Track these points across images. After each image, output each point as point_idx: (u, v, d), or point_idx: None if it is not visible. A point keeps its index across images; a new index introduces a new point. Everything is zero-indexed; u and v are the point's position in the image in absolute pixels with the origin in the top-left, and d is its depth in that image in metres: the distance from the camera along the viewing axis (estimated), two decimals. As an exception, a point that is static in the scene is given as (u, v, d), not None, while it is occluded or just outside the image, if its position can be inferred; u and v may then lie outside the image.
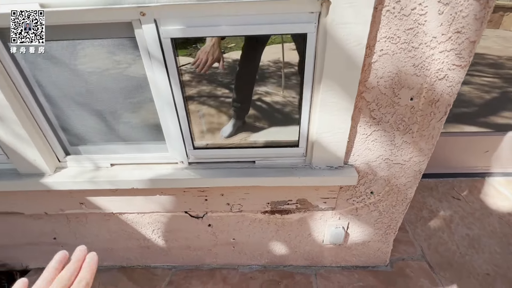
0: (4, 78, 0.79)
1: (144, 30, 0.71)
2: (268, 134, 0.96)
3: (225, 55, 0.81)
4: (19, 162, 0.94)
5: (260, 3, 0.66)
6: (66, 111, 0.90)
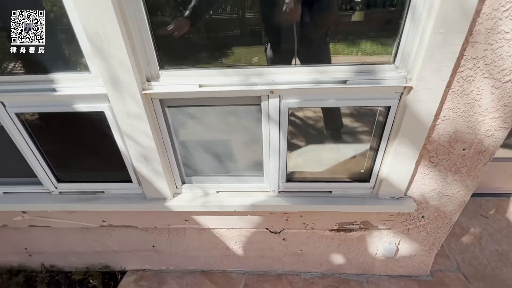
0: (156, 131, 1.06)
1: (270, 102, 0.97)
2: (344, 172, 1.21)
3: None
4: (149, 189, 1.21)
5: (362, 88, 0.91)
6: (191, 152, 1.17)
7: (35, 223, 1.40)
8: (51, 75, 0.97)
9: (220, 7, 1.25)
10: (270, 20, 0.99)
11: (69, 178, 1.26)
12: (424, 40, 0.82)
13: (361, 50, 0.92)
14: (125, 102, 0.96)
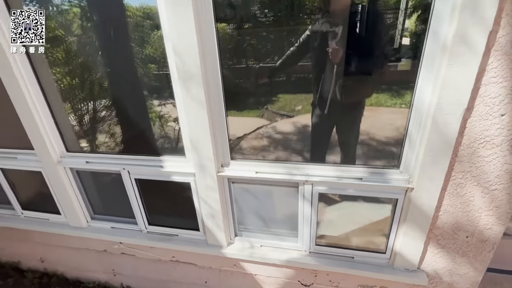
0: (222, 199, 1.49)
1: (305, 187, 1.34)
2: (364, 243, 1.48)
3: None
4: (210, 237, 1.62)
5: (374, 186, 1.24)
6: (244, 213, 1.57)
7: (125, 252, 1.89)
8: (162, 157, 1.50)
9: (270, 57, 1.71)
10: (317, 68, 1.38)
11: (156, 222, 1.75)
12: (419, 158, 1.14)
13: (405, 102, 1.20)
14: (206, 179, 1.42)
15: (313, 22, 1.40)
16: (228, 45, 2.03)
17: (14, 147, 1.75)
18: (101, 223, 1.84)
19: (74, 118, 2.09)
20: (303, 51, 1.39)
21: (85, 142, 2.12)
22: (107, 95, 2.27)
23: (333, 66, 1.34)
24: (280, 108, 2.49)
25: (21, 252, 2.24)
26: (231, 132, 1.43)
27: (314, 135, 1.68)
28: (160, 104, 2.44)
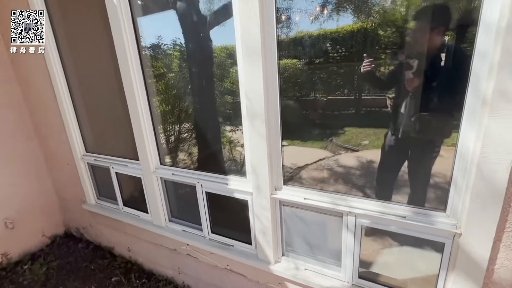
0: (273, 218, 1.71)
1: (348, 218, 1.45)
2: (409, 284, 1.46)
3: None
4: (261, 252, 1.82)
5: (420, 226, 1.28)
6: (292, 235, 1.74)
7: (190, 253, 2.24)
8: (228, 176, 1.83)
9: (339, 90, 1.84)
10: (394, 98, 1.51)
11: (217, 231, 2.06)
12: (465, 204, 1.15)
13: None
14: (261, 199, 1.67)
15: (388, 56, 1.57)
16: (298, 79, 2.32)
17: (126, 157, 2.36)
18: (175, 225, 2.26)
19: (164, 138, 2.66)
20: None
21: (169, 158, 2.66)
22: (190, 120, 2.80)
23: (408, 96, 1.45)
24: (345, 142, 2.58)
25: (115, 240, 2.84)
26: (293, 161, 1.66)
27: (381, 167, 1.76)
28: (231, 130, 2.88)
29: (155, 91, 2.23)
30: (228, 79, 2.54)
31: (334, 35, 1.80)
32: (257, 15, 1.33)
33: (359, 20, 1.61)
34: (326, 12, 1.69)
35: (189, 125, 2.86)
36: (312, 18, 1.72)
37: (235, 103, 2.44)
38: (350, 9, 1.65)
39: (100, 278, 2.62)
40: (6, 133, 2.74)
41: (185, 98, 2.77)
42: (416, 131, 1.48)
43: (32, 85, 2.68)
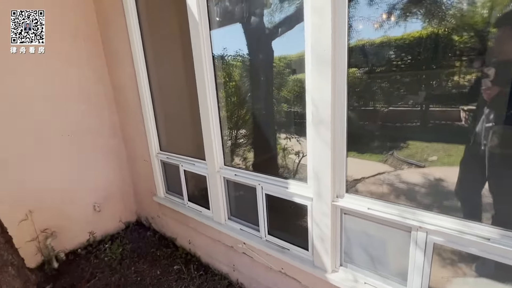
0: (333, 225, 1.69)
1: (418, 234, 1.37)
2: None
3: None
4: (317, 260, 1.82)
5: (509, 252, 1.14)
6: (352, 245, 1.70)
7: (246, 252, 2.34)
8: (288, 180, 1.88)
9: (402, 100, 1.72)
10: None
11: (274, 233, 2.12)
12: None
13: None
14: (321, 205, 1.68)
15: (464, 64, 1.47)
16: (356, 88, 2.27)
17: (194, 156, 2.60)
18: (234, 224, 2.39)
19: (226, 141, 2.84)
20: None
21: (231, 160, 2.83)
22: (250, 125, 2.94)
23: (486, 106, 1.34)
24: (408, 156, 2.41)
25: (179, 231, 3.13)
26: (348, 172, 1.64)
27: (460, 183, 1.61)
28: (286, 137, 2.94)
29: (224, 97, 2.42)
30: (286, 88, 2.63)
31: (399, 42, 1.73)
32: (329, 25, 1.38)
33: (429, 25, 1.52)
34: (394, 19, 1.64)
35: (248, 130, 3.01)
36: (377, 26, 1.69)
37: (290, 111, 2.52)
38: (420, 14, 1.58)
39: (164, 264, 2.91)
40: (102, 131, 3.28)
41: (246, 104, 2.92)
42: (498, 144, 1.33)
43: (123, 93, 3.17)
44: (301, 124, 2.02)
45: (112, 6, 2.81)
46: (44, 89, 2.78)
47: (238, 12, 2.20)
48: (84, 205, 3.25)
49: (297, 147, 2.59)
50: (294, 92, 2.53)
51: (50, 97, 2.84)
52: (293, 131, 2.72)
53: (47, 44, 2.75)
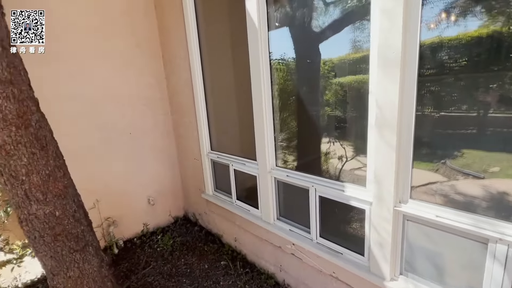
0: (394, 231, 1.64)
1: (497, 246, 1.27)
2: None
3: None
4: (374, 266, 1.77)
5: None
6: (416, 255, 1.63)
7: (294, 253, 2.36)
8: (344, 183, 1.87)
9: (454, 105, 1.58)
10: None
11: (326, 236, 2.11)
12: None
13: None
14: (381, 210, 1.64)
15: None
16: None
17: (245, 157, 2.70)
18: (282, 224, 2.43)
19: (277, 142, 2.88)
20: None
21: (282, 161, 2.86)
22: (302, 127, 2.93)
23: None
24: (463, 166, 2.23)
25: (225, 229, 3.24)
26: None
27: None
28: (328, 141, 2.89)
29: (278, 100, 2.47)
30: (330, 91, 2.60)
31: (453, 43, 1.62)
32: (399, 25, 1.36)
33: (491, 23, 1.40)
34: (454, 18, 1.55)
35: (300, 132, 3.01)
36: (433, 26, 1.61)
37: (332, 115, 2.49)
38: (481, 12, 1.46)
39: (211, 259, 3.03)
40: (157, 131, 3.55)
41: (299, 107, 2.91)
42: None
43: (178, 96, 3.40)
44: (359, 126, 1.99)
45: (172, 17, 3.05)
46: (110, 91, 3.11)
47: (296, 16, 2.25)
48: (141, 198, 3.53)
49: (340, 151, 2.54)
50: (351, 94, 2.51)
51: (115, 98, 3.16)
52: (337, 134, 2.68)
53: (115, 51, 3.08)
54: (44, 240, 1.71)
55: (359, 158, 2.21)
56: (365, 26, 1.73)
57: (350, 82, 2.19)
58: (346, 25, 2.05)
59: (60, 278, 1.80)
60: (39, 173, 1.65)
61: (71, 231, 1.79)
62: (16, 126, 1.55)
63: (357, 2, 1.86)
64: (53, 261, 1.76)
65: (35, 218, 1.67)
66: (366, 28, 1.71)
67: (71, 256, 1.79)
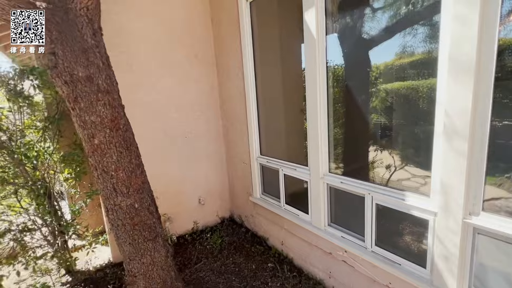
0: (462, 243, 1.57)
1: None
2: None
3: None
4: (438, 279, 1.70)
5: None
6: (488, 272, 1.54)
7: (346, 261, 2.35)
8: (404, 192, 1.84)
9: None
10: None
11: (382, 245, 2.08)
12: None
13: None
14: (448, 221, 1.59)
15: None
16: None
17: (297, 162, 2.77)
18: (334, 230, 2.44)
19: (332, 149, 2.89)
20: None
21: (334, 167, 2.87)
22: (357, 134, 2.91)
23: None
24: None
25: (271, 232, 3.32)
26: None
27: None
28: (376, 149, 2.82)
29: (332, 107, 2.50)
30: (377, 98, 2.55)
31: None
32: (475, 30, 1.34)
33: None
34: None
35: (356, 139, 2.99)
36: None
37: (377, 123, 2.44)
38: None
39: (258, 260, 3.13)
40: (209, 135, 3.79)
41: (354, 113, 2.89)
42: None
43: (230, 103, 3.61)
44: (421, 134, 1.96)
45: (228, 30, 3.28)
46: (172, 98, 3.42)
47: (354, 25, 2.30)
48: (192, 198, 3.78)
49: (388, 160, 2.46)
50: (383, 103, 2.46)
51: (176, 104, 3.46)
52: (384, 142, 2.62)
53: (176, 62, 3.39)
54: (125, 228, 1.95)
55: (416, 167, 2.15)
56: (434, 29, 1.71)
57: (405, 87, 2.16)
58: (408, 29, 2.03)
59: (135, 263, 2.03)
60: (124, 170, 1.90)
61: (146, 222, 2.02)
62: (110, 129, 1.82)
63: (423, 3, 1.85)
64: (130, 247, 2.00)
65: (119, 208, 1.93)
66: (434, 32, 1.70)
67: (145, 244, 2.02)
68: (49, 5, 1.59)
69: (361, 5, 2.27)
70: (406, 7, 2.03)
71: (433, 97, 1.61)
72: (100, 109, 1.78)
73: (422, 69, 1.95)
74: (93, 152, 1.83)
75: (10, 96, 2.44)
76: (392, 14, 2.17)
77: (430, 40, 1.84)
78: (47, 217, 2.61)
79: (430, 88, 1.76)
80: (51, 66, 1.65)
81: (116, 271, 3.13)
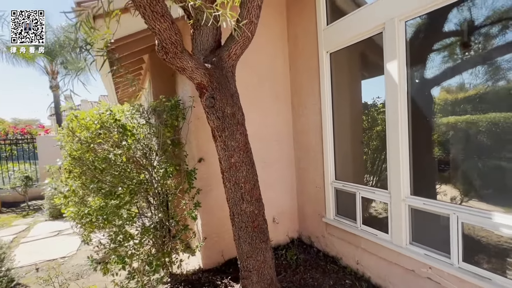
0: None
1: None
2: None
3: None
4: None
5: None
6: None
7: (431, 277, 2.57)
8: (490, 212, 2.13)
9: None
10: None
11: (470, 261, 2.31)
12: None
13: None
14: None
15: None
16: None
17: (375, 186, 3.15)
18: (416, 248, 2.70)
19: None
20: None
21: (414, 190, 3.18)
22: (427, 160, 3.20)
23: None
24: None
25: (345, 251, 3.61)
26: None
27: None
28: (454, 174, 3.05)
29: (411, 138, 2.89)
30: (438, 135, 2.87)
31: None
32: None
33: None
34: None
35: (431, 164, 3.29)
36: None
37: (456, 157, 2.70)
38: None
39: (335, 277, 3.40)
40: (282, 162, 4.36)
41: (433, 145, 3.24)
42: None
43: (304, 134, 4.19)
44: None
45: (305, 75, 3.98)
46: (257, 130, 4.10)
47: (435, 73, 2.79)
48: (268, 216, 4.22)
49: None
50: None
51: (260, 135, 4.12)
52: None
53: (261, 101, 4.11)
54: (247, 230, 2.49)
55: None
56: None
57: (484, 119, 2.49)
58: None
59: (251, 260, 2.52)
60: (249, 182, 2.49)
61: (261, 226, 2.54)
62: (243, 151, 2.45)
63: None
64: (249, 246, 2.50)
65: (244, 213, 2.48)
66: None
67: (260, 245, 2.52)
68: (212, 65, 2.38)
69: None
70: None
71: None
72: (238, 137, 2.44)
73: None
74: (229, 168, 2.46)
75: (145, 123, 3.30)
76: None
77: None
78: (167, 222, 3.27)
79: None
80: (209, 106, 2.39)
81: (208, 276, 3.63)
